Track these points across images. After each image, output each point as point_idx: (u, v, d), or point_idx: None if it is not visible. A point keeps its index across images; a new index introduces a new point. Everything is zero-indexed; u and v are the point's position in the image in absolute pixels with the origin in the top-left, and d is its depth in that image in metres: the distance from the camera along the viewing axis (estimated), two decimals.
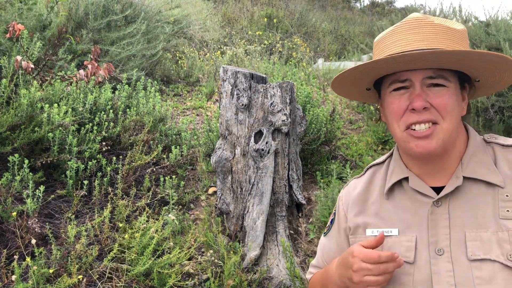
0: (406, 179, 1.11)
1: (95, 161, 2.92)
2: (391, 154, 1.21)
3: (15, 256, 2.12)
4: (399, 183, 1.12)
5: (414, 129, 1.02)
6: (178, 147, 3.51)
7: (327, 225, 1.32)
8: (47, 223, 2.50)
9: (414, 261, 1.02)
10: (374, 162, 1.24)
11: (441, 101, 1.01)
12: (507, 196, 0.99)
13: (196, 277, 2.48)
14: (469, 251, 0.97)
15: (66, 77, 3.57)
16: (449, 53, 0.96)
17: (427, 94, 1.01)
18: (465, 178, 1.04)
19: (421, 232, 1.04)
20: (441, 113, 1.01)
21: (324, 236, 1.31)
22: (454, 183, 1.03)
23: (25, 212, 2.45)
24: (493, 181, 1.01)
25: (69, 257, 2.27)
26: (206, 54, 7.22)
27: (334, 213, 1.29)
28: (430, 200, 1.05)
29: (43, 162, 2.75)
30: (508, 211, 0.98)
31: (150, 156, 3.18)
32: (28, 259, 2.08)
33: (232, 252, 2.62)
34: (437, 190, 1.06)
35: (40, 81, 3.39)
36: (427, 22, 1.03)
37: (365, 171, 1.25)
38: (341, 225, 1.23)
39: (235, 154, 2.83)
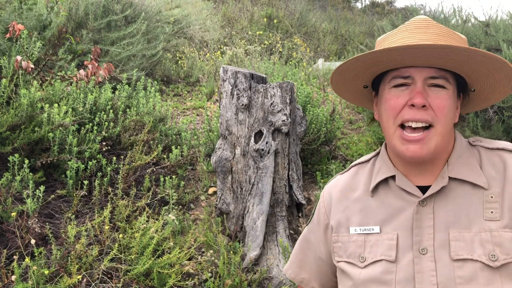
0: (392, 177, 1.11)
1: (95, 161, 2.93)
2: (377, 154, 1.20)
3: (15, 256, 2.12)
4: (385, 181, 1.12)
5: (408, 131, 1.02)
6: (178, 147, 3.51)
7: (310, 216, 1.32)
8: (47, 223, 2.51)
9: (395, 259, 1.02)
10: (359, 160, 1.24)
11: (440, 103, 1.01)
12: (491, 197, 1.01)
13: (196, 277, 2.48)
14: (452, 251, 0.98)
15: (66, 77, 3.57)
16: (461, 49, 0.96)
17: (428, 93, 1.02)
18: (450, 178, 1.04)
19: (405, 230, 1.04)
20: (437, 114, 1.01)
21: (306, 225, 1.31)
22: (440, 183, 1.04)
23: (25, 212, 2.45)
24: (478, 183, 1.02)
25: (69, 257, 2.27)
26: (206, 54, 7.23)
27: (315, 207, 1.29)
28: (415, 199, 1.05)
29: (43, 162, 2.75)
30: (492, 212, 0.99)
31: (150, 156, 3.18)
32: (28, 259, 2.08)
33: (232, 252, 2.62)
34: (422, 189, 1.06)
35: (40, 81, 3.39)
36: (434, 24, 1.04)
37: (349, 168, 1.24)
38: (321, 221, 1.23)
39: (235, 154, 2.83)
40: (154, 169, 3.30)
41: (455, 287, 0.95)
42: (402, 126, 1.04)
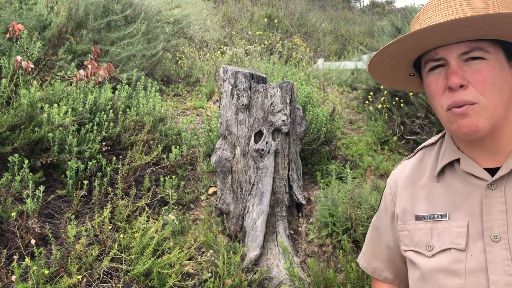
0: (458, 160, 1.03)
1: (95, 161, 2.92)
2: (444, 135, 1.13)
3: (15, 256, 2.12)
4: (450, 165, 1.05)
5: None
6: (178, 147, 3.51)
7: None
8: (47, 223, 2.50)
9: (466, 248, 0.95)
10: (426, 143, 1.17)
11: (479, 77, 0.92)
12: None
13: (196, 277, 2.48)
14: None
15: (66, 77, 3.57)
16: (480, 17, 0.86)
17: (464, 70, 0.94)
18: None
19: (474, 217, 0.97)
20: (479, 90, 0.92)
21: (375, 214, 1.27)
22: (510, 164, 0.95)
23: (25, 212, 2.45)
24: None
25: (69, 257, 2.27)
26: (206, 54, 7.23)
27: (382, 195, 1.24)
28: (484, 183, 0.97)
29: (43, 162, 2.75)
30: None
31: (150, 156, 3.18)
32: (28, 259, 2.08)
33: (232, 252, 2.62)
34: (492, 171, 0.98)
35: (40, 81, 3.39)
36: None
37: (416, 152, 1.17)
38: (388, 208, 1.18)
39: (235, 154, 2.83)
40: (154, 169, 3.30)
41: None
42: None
